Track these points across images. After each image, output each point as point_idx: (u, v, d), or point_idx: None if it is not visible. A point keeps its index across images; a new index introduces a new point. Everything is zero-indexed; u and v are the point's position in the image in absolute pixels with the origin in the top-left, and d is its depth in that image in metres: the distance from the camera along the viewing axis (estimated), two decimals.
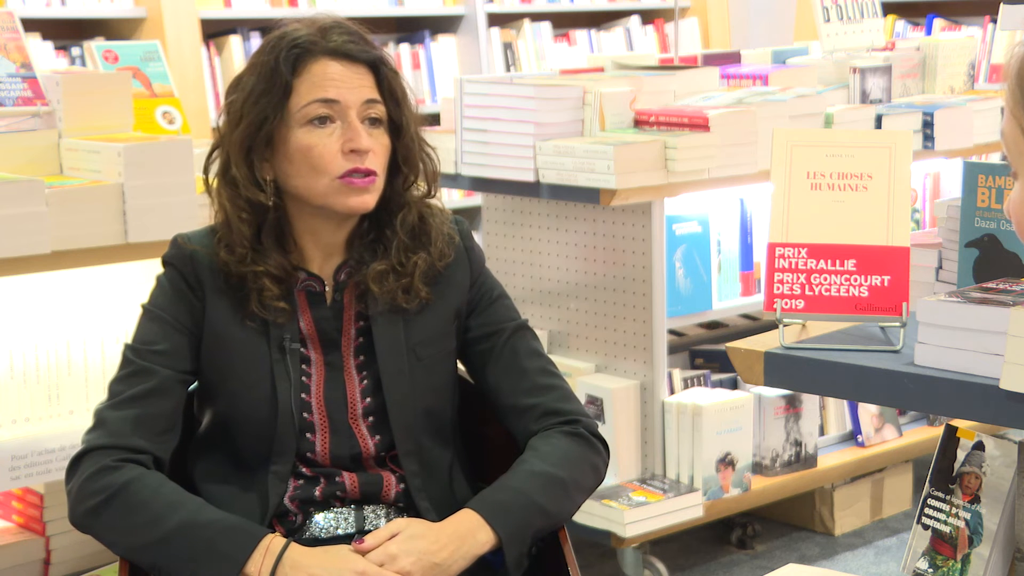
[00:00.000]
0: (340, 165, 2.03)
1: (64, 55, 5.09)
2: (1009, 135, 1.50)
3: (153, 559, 1.95)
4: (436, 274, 2.13)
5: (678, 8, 4.73)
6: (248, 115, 2.04)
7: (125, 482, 1.96)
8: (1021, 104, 1.47)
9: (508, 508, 2.03)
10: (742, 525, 3.91)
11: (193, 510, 1.97)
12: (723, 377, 3.84)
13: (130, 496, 1.96)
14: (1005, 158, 1.57)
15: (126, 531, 1.96)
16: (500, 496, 2.05)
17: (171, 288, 2.09)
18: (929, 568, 1.94)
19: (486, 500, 2.05)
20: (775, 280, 1.89)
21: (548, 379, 2.17)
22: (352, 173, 2.03)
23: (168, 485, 1.99)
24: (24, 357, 2.81)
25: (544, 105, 3.46)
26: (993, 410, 1.65)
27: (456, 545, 1.99)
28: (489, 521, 2.01)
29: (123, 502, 1.96)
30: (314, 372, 2.10)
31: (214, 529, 1.94)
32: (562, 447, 2.10)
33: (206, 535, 1.93)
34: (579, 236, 3.64)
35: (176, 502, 1.97)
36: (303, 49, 2.04)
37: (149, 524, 1.94)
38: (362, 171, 2.03)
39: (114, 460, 1.98)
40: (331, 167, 2.02)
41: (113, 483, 1.96)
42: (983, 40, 5.43)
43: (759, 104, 3.59)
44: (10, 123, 2.90)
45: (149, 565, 1.97)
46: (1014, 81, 1.48)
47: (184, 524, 1.94)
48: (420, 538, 1.98)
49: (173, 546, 1.93)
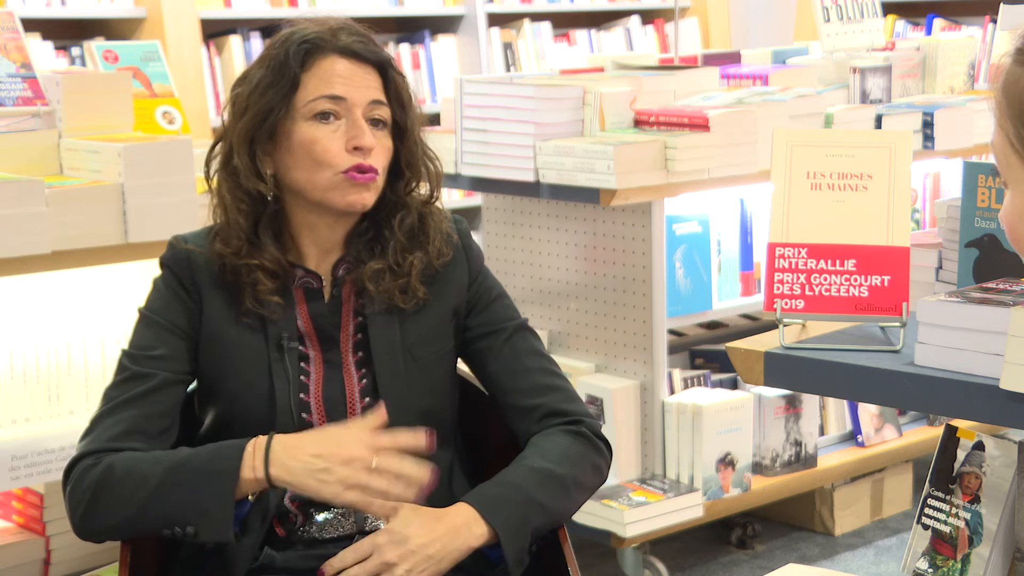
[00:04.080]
0: (344, 161, 2.03)
1: (64, 55, 5.09)
2: (998, 146, 1.51)
3: (158, 512, 1.96)
4: (434, 273, 2.13)
5: (678, 8, 4.73)
6: (254, 106, 2.05)
7: (106, 467, 1.98)
8: (1008, 116, 1.47)
9: (504, 502, 2.02)
10: (742, 525, 3.91)
11: (174, 456, 1.99)
12: (723, 377, 3.84)
13: (113, 474, 1.97)
14: None
15: (123, 503, 1.97)
16: (496, 490, 2.05)
17: (167, 291, 2.10)
18: (929, 568, 1.94)
19: (482, 494, 2.04)
20: (775, 280, 1.89)
21: (551, 379, 2.17)
22: (355, 169, 2.03)
23: (146, 453, 2.00)
24: (24, 357, 2.81)
25: (544, 105, 3.46)
26: (993, 410, 1.65)
27: (451, 537, 1.98)
28: (484, 515, 2.00)
29: (109, 483, 1.97)
30: (313, 370, 2.10)
31: (200, 459, 1.97)
32: (562, 445, 2.10)
33: (194, 466, 1.95)
34: (579, 236, 3.64)
35: (156, 458, 1.99)
36: (313, 45, 2.05)
37: (139, 485, 1.96)
38: (364, 167, 2.04)
39: (95, 459, 2.00)
40: (335, 162, 2.03)
41: (96, 474, 1.98)
42: (983, 40, 5.43)
43: (759, 104, 3.59)
44: (10, 123, 2.90)
45: (157, 521, 1.97)
46: (1001, 94, 1.48)
47: (171, 468, 1.96)
48: (415, 526, 1.97)
49: (171, 491, 1.95)
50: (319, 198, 2.06)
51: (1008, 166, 1.50)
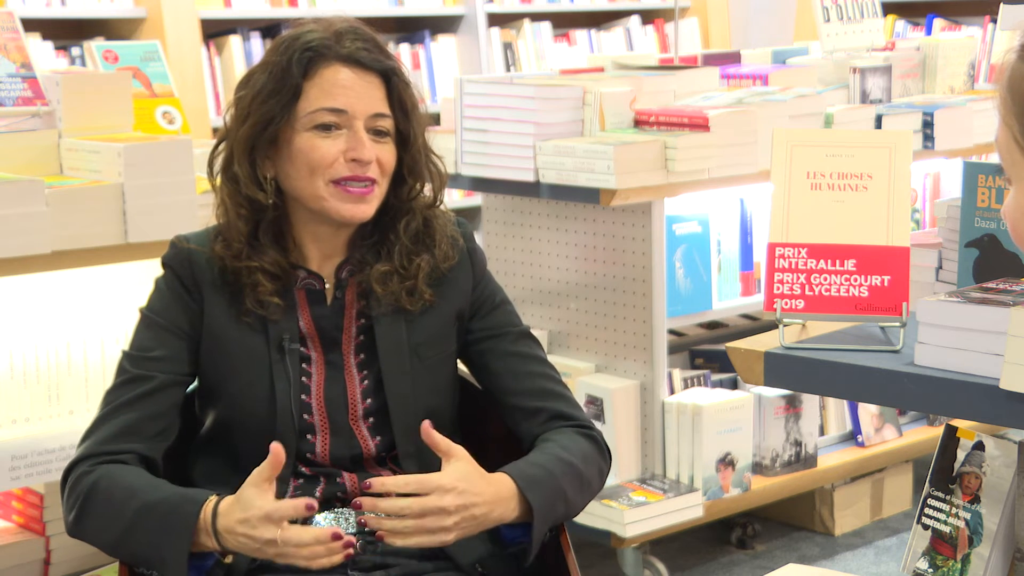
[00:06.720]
0: (337, 170, 2.02)
1: (64, 55, 5.09)
2: (1003, 142, 1.51)
3: (130, 551, 1.99)
4: (440, 276, 2.13)
5: (678, 8, 4.73)
6: (255, 113, 2.03)
7: (93, 482, 1.98)
8: (1013, 112, 1.47)
9: (541, 484, 2.01)
10: (742, 525, 3.91)
11: (149, 492, 1.97)
12: (723, 377, 3.84)
13: (98, 494, 1.98)
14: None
15: (104, 529, 1.99)
16: (533, 471, 2.03)
17: (168, 291, 2.09)
18: (929, 568, 1.94)
19: (521, 471, 2.02)
20: (775, 280, 1.89)
21: (555, 386, 2.17)
22: (349, 180, 2.02)
23: (129, 473, 2.00)
24: (24, 357, 2.81)
25: (544, 105, 3.45)
26: (993, 410, 1.65)
27: (494, 505, 1.97)
28: (524, 492, 1.99)
29: (94, 502, 1.98)
30: (314, 371, 2.10)
31: (164, 507, 1.95)
32: (581, 444, 2.10)
33: (159, 514, 1.94)
34: (579, 236, 3.64)
35: (134, 487, 1.98)
36: (316, 52, 2.03)
37: (116, 516, 1.96)
38: (360, 179, 2.03)
39: (90, 465, 2.00)
40: (328, 170, 2.02)
41: (85, 487, 1.99)
42: (983, 40, 5.43)
43: (759, 104, 3.59)
44: (10, 123, 2.90)
45: (130, 559, 2.00)
46: (1006, 90, 1.48)
47: (140, 509, 1.95)
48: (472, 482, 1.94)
49: (137, 533, 1.95)
50: (316, 207, 2.05)
51: (1012, 163, 1.50)
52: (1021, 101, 1.46)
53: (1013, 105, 1.47)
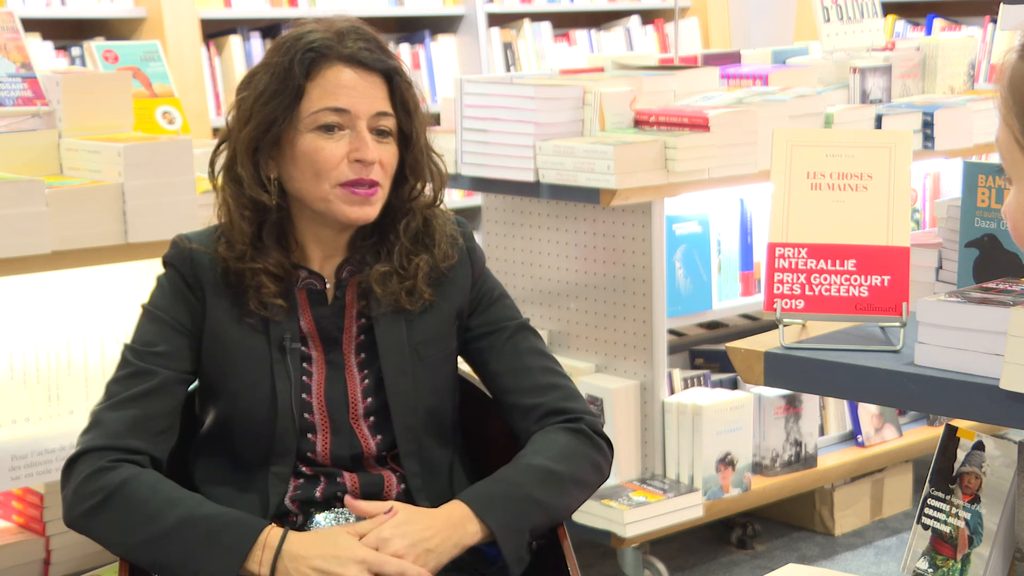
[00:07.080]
0: (343, 173, 2.02)
1: (64, 55, 5.09)
2: (1003, 142, 1.51)
3: (154, 556, 1.95)
4: (439, 275, 2.13)
5: (678, 8, 4.73)
6: (258, 115, 2.03)
7: (122, 481, 1.96)
8: (1014, 112, 1.47)
9: (499, 500, 2.02)
10: (742, 525, 3.91)
11: (193, 505, 1.97)
12: (723, 377, 3.84)
13: (128, 494, 1.95)
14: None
15: (125, 530, 1.96)
16: (492, 488, 2.04)
17: (171, 289, 2.09)
18: (929, 568, 1.94)
19: (477, 492, 2.04)
20: (775, 280, 1.89)
21: (551, 378, 2.17)
22: (355, 184, 2.03)
23: (165, 483, 1.99)
24: (24, 357, 2.81)
25: (544, 105, 3.45)
26: (993, 410, 1.65)
27: (448, 532, 1.98)
28: (478, 513, 2.00)
29: (121, 501, 1.95)
30: (315, 371, 2.10)
31: (214, 523, 1.94)
32: (560, 442, 2.10)
33: (206, 529, 1.93)
34: (579, 236, 3.64)
35: (175, 498, 1.97)
36: (318, 53, 2.02)
37: (148, 521, 1.94)
38: (365, 182, 2.03)
39: (109, 461, 1.98)
40: (334, 173, 2.02)
41: (110, 483, 1.96)
42: (983, 40, 5.42)
43: (759, 104, 3.59)
44: (10, 123, 2.91)
45: (149, 563, 1.97)
46: (1007, 90, 1.48)
47: (184, 519, 1.94)
48: (413, 523, 1.98)
49: (174, 542, 1.93)
50: (320, 208, 2.05)
51: (1013, 162, 1.50)
52: (1022, 101, 1.46)
53: (1014, 105, 1.47)
